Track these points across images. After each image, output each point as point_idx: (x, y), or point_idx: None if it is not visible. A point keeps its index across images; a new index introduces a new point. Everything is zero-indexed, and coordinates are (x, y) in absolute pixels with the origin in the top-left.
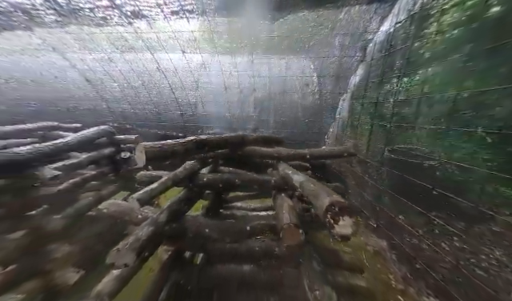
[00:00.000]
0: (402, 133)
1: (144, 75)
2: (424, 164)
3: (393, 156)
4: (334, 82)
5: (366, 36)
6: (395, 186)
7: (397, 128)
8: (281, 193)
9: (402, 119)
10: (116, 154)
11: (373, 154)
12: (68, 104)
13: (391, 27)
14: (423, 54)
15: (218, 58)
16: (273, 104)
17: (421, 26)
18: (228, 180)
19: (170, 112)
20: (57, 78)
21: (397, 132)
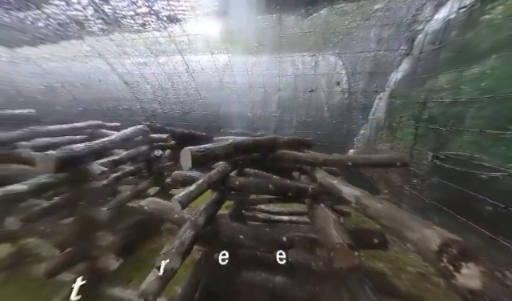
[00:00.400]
0: (458, 138)
1: (174, 77)
2: (488, 175)
3: (446, 165)
4: (367, 79)
5: (414, 26)
6: (448, 200)
7: (451, 132)
8: (319, 203)
9: (460, 122)
10: (150, 152)
11: (417, 161)
12: (108, 104)
13: (451, 14)
14: (490, 44)
15: (243, 57)
16: (296, 103)
17: (489, 12)
18: (261, 185)
19: (194, 112)
20: (100, 81)
21: (451, 137)
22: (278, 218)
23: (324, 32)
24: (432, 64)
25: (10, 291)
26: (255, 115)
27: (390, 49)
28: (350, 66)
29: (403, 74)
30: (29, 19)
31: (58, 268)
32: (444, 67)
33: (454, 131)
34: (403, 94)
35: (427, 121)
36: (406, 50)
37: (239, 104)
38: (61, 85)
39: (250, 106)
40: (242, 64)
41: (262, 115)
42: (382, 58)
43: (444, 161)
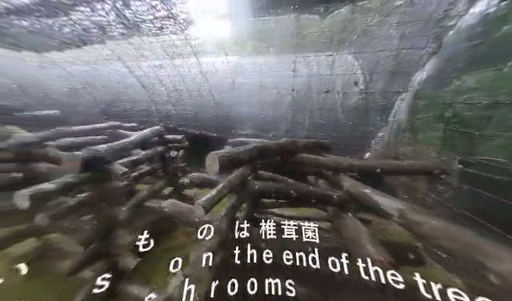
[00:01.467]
0: (493, 142)
1: (187, 79)
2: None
3: (480, 172)
4: (388, 79)
5: (444, 22)
6: (482, 210)
7: (485, 136)
8: (345, 211)
9: (499, 125)
10: (165, 153)
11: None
12: (125, 105)
13: (490, 7)
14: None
15: (255, 58)
16: (310, 105)
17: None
18: (281, 190)
19: (206, 113)
20: (119, 83)
21: (485, 141)
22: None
23: (342, 31)
24: (465, 62)
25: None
26: (267, 116)
27: (415, 47)
28: (369, 65)
29: (430, 73)
30: (56, 25)
31: (80, 265)
32: (479, 66)
33: (489, 136)
34: (430, 95)
35: (458, 124)
36: (434, 47)
37: (250, 105)
38: (83, 87)
39: (261, 106)
40: (255, 65)
41: (273, 116)
42: (405, 56)
43: (479, 167)
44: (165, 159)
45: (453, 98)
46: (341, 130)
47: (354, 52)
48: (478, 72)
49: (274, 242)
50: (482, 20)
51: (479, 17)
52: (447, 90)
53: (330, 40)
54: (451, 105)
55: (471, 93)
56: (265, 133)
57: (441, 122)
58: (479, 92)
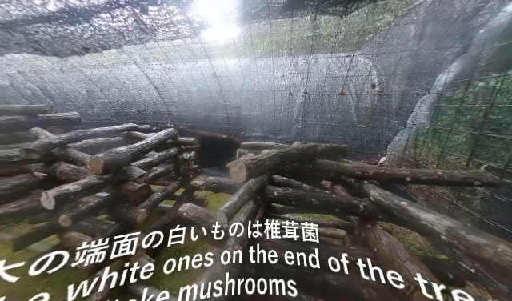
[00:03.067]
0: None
1: (199, 81)
2: None
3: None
4: (406, 80)
5: (473, 21)
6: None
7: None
8: (375, 223)
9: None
10: (178, 154)
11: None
12: (139, 107)
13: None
14: None
15: (268, 60)
16: (322, 107)
17: None
18: (302, 198)
19: (216, 115)
20: (133, 86)
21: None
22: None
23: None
24: (498, 63)
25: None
26: (277, 119)
27: (438, 47)
28: (387, 66)
29: (456, 74)
30: (78, 32)
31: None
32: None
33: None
34: (456, 97)
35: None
36: (461, 47)
37: (261, 108)
38: (99, 90)
39: (272, 109)
40: (267, 67)
41: (284, 119)
42: (427, 57)
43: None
44: (177, 161)
45: (485, 101)
46: (354, 134)
47: (370, 53)
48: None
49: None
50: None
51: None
52: (477, 92)
53: (347, 41)
54: (483, 108)
55: (506, 95)
56: (274, 135)
57: (470, 126)
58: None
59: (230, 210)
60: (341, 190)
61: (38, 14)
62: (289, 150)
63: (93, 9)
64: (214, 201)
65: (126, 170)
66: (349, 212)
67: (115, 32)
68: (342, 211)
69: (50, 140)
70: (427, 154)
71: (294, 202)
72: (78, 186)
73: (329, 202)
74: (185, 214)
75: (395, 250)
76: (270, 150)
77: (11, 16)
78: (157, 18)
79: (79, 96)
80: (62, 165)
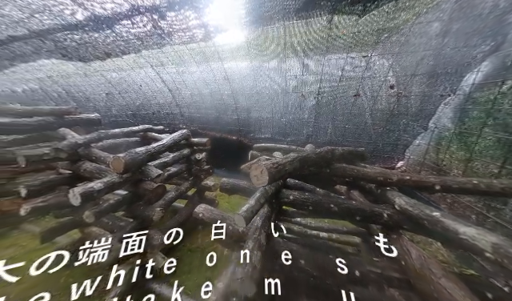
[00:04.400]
0: None
1: (212, 84)
2: None
3: None
4: (428, 81)
5: (507, 17)
6: None
7: None
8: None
9: None
10: (190, 155)
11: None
12: (153, 109)
13: None
14: None
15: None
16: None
17: None
18: (320, 203)
19: (226, 116)
20: (148, 88)
21: None
22: (315, 234)
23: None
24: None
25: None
26: (287, 120)
27: (466, 45)
28: (406, 66)
29: (487, 74)
30: (101, 38)
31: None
32: None
33: None
34: (486, 99)
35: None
36: (493, 45)
37: (272, 109)
38: (118, 92)
39: (283, 111)
40: (279, 69)
41: (294, 121)
42: (453, 56)
43: None
44: (190, 161)
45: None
46: (369, 137)
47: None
48: None
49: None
50: None
51: None
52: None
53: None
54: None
55: None
56: (283, 137)
57: (502, 130)
58: None
59: (248, 213)
60: (358, 196)
61: (66, 22)
62: (307, 154)
63: (115, 16)
64: (224, 202)
65: (144, 169)
66: (371, 220)
67: (135, 38)
68: (363, 219)
69: (76, 140)
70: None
71: (311, 207)
72: (101, 184)
73: (349, 209)
74: (200, 215)
75: (427, 265)
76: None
77: (44, 25)
78: (174, 23)
79: (99, 98)
80: (85, 163)
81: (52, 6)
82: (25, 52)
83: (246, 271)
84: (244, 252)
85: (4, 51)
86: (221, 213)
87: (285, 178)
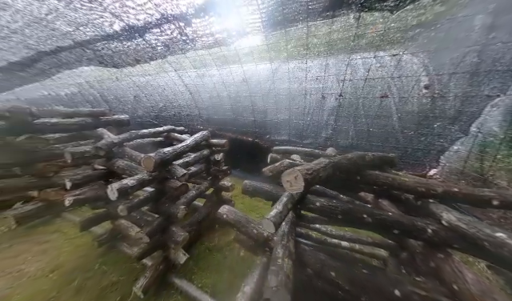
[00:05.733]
0: None
1: (230, 86)
2: None
3: None
4: (469, 80)
5: None
6: None
7: None
8: (449, 254)
9: None
10: (209, 156)
11: None
12: (174, 111)
13: None
14: None
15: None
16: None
17: None
18: (351, 212)
19: (243, 118)
20: (171, 91)
21: None
22: (335, 243)
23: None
24: None
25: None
26: (305, 122)
27: None
28: (443, 64)
29: None
30: (133, 46)
31: (146, 253)
32: None
33: None
34: None
35: None
36: None
37: (289, 111)
38: (144, 95)
39: (301, 112)
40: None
41: (312, 123)
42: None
43: None
44: (209, 162)
45: None
46: (396, 141)
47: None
48: None
49: None
50: None
51: None
52: None
53: (396, 38)
54: None
55: None
56: (300, 139)
57: None
58: None
59: (277, 219)
60: (389, 205)
61: (105, 33)
62: (339, 159)
63: (147, 25)
64: (239, 202)
65: (171, 169)
66: (411, 235)
67: (162, 44)
68: (401, 233)
69: (112, 139)
70: (498, 169)
71: (340, 216)
72: (133, 181)
73: (385, 221)
74: (224, 216)
75: (490, 293)
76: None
77: (86, 36)
78: (198, 29)
79: (128, 100)
80: (118, 161)
81: (94, 19)
82: (69, 60)
83: (280, 280)
84: (274, 259)
85: (53, 60)
86: (244, 215)
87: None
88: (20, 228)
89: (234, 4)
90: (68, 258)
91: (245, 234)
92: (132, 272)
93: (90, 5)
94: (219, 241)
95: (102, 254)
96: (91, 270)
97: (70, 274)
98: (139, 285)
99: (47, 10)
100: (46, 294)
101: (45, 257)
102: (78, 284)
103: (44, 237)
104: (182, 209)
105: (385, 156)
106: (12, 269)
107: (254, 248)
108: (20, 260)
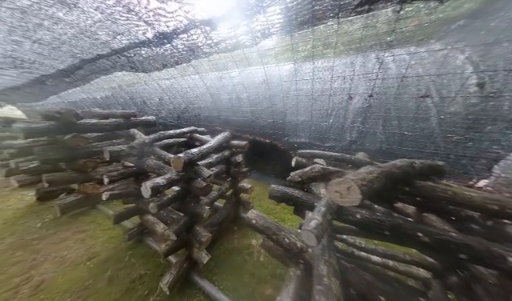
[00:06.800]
0: None
1: (249, 87)
2: None
3: None
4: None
5: None
6: None
7: None
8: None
9: None
10: (230, 157)
11: None
12: (195, 112)
13: None
14: None
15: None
16: (390, 112)
17: None
18: (402, 229)
19: (261, 119)
20: (193, 93)
21: None
22: (364, 256)
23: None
24: None
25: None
26: (328, 124)
27: None
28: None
29: None
30: (161, 51)
31: (172, 250)
32: None
33: None
34: None
35: None
36: None
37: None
38: (168, 97)
39: (324, 114)
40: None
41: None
42: None
43: None
44: (230, 163)
45: None
46: (435, 146)
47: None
48: None
49: None
50: None
51: None
52: None
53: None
54: None
55: None
56: (321, 142)
57: None
58: None
59: (319, 231)
60: (439, 222)
61: (138, 40)
62: (389, 168)
63: (175, 31)
64: (256, 205)
65: (197, 169)
66: (483, 262)
67: (187, 49)
68: (470, 259)
69: (144, 139)
70: None
71: (387, 232)
72: (164, 180)
73: (448, 242)
74: (253, 221)
75: None
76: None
77: (122, 44)
78: (223, 32)
79: (153, 103)
80: (148, 160)
81: (131, 28)
82: (105, 67)
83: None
84: (319, 277)
85: (92, 67)
86: (275, 223)
87: None
88: (63, 217)
89: (261, 4)
90: (102, 248)
91: (275, 243)
92: (158, 267)
93: (127, 15)
94: (238, 243)
95: (131, 247)
96: (122, 262)
97: (104, 264)
98: (165, 281)
99: (92, 22)
100: (83, 280)
101: (83, 245)
102: (110, 274)
103: (82, 226)
104: (207, 209)
105: (434, 164)
106: (57, 254)
107: (283, 257)
108: (63, 246)
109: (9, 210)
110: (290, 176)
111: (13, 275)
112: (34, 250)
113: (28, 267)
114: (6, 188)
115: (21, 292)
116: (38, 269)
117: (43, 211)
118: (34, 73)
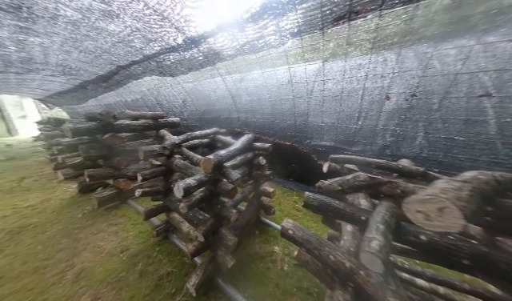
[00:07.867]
0: None
1: (272, 88)
2: None
3: None
4: None
5: None
6: None
7: None
8: None
9: None
10: (253, 159)
11: None
12: (215, 114)
13: None
14: None
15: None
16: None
17: None
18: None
19: (283, 121)
20: (215, 95)
21: None
22: (406, 278)
23: None
24: None
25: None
26: (357, 127)
27: None
28: None
29: None
30: (187, 56)
31: (198, 251)
32: None
33: None
34: None
35: None
36: None
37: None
38: (191, 99)
39: (353, 115)
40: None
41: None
42: None
43: None
44: (252, 165)
45: None
46: (493, 153)
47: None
48: None
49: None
50: None
51: None
52: None
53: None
54: None
55: None
56: (348, 146)
57: None
58: None
59: (384, 255)
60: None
61: (169, 46)
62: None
63: (202, 35)
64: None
65: (225, 171)
66: None
67: (213, 52)
68: None
69: (174, 140)
70: None
71: (466, 261)
72: (194, 181)
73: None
74: (290, 232)
75: None
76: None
77: (153, 50)
78: (250, 34)
79: (177, 105)
80: (176, 160)
81: (163, 35)
82: (137, 72)
83: None
84: None
85: (126, 72)
86: (315, 236)
87: None
88: (100, 209)
89: (293, 1)
90: (133, 242)
91: (316, 258)
92: (183, 266)
93: (161, 23)
94: (260, 249)
95: (159, 244)
96: (151, 257)
97: (135, 258)
98: (192, 283)
99: (130, 31)
100: (117, 272)
101: (116, 238)
102: (141, 268)
103: (115, 219)
104: (235, 213)
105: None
106: (94, 244)
107: (323, 275)
108: (99, 237)
109: (57, 200)
110: (328, 183)
111: (59, 261)
112: (75, 239)
113: (71, 255)
114: (53, 180)
115: (65, 278)
116: (79, 257)
117: (83, 203)
118: (78, 79)
